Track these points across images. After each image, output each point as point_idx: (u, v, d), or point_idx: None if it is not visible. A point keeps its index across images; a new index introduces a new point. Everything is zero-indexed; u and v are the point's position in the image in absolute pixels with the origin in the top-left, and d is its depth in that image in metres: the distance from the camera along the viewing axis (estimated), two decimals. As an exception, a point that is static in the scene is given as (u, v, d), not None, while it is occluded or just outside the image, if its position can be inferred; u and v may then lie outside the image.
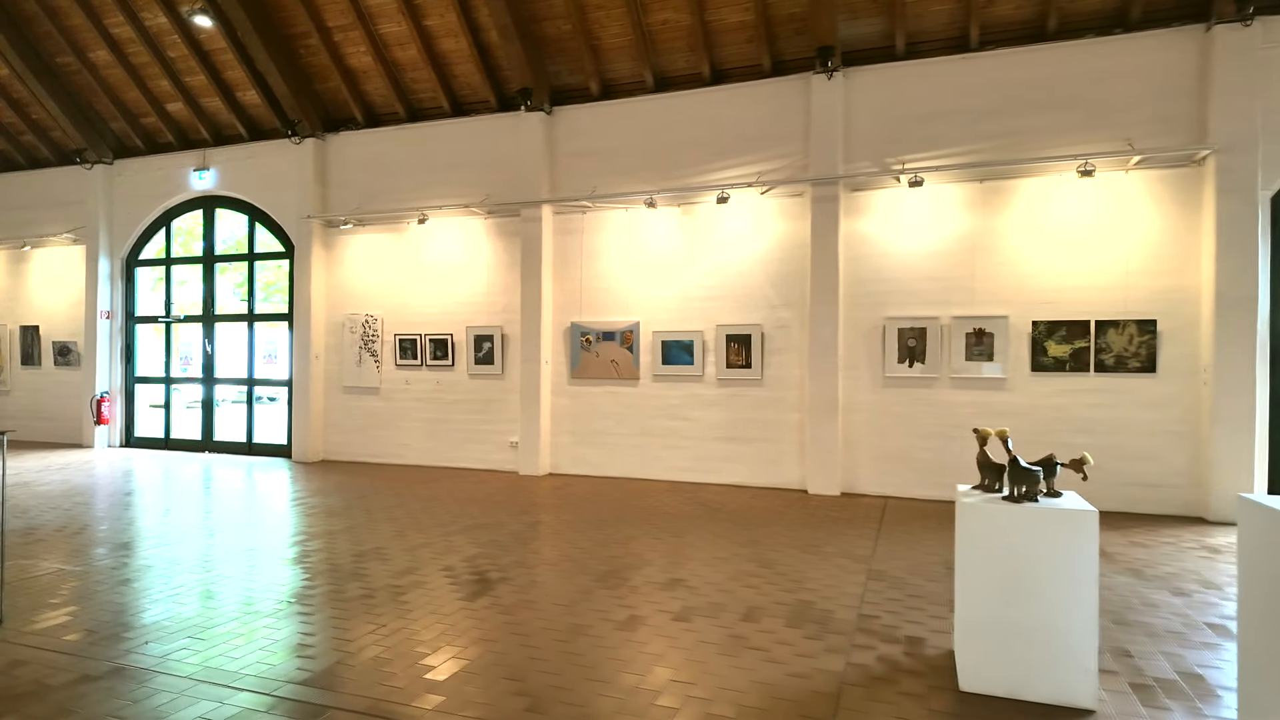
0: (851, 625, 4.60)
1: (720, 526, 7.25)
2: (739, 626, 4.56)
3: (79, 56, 12.47)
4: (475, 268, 11.13)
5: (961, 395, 8.77)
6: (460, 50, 10.72)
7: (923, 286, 8.93)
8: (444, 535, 6.89)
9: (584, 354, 10.48)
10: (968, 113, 8.78)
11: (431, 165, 11.33)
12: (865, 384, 9.14)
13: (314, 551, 6.28)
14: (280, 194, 12.20)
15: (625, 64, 10.26)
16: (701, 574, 5.66)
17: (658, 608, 4.90)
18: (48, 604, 4.92)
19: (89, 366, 13.48)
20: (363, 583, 5.42)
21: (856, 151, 9.16)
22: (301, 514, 7.80)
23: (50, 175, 14.21)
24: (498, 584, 5.41)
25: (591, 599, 5.08)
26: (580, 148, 10.52)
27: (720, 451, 9.76)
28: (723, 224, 9.79)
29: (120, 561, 5.95)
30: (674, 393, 10.02)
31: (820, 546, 6.52)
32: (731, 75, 9.94)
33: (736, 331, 9.65)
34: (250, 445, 12.55)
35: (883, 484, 9.05)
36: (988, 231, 8.73)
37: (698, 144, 9.93)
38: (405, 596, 5.12)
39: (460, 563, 5.96)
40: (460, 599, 5.07)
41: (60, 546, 6.39)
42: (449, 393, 11.25)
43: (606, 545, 6.52)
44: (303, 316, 11.87)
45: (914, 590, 5.31)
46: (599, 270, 10.46)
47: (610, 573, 5.68)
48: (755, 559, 6.10)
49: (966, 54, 8.82)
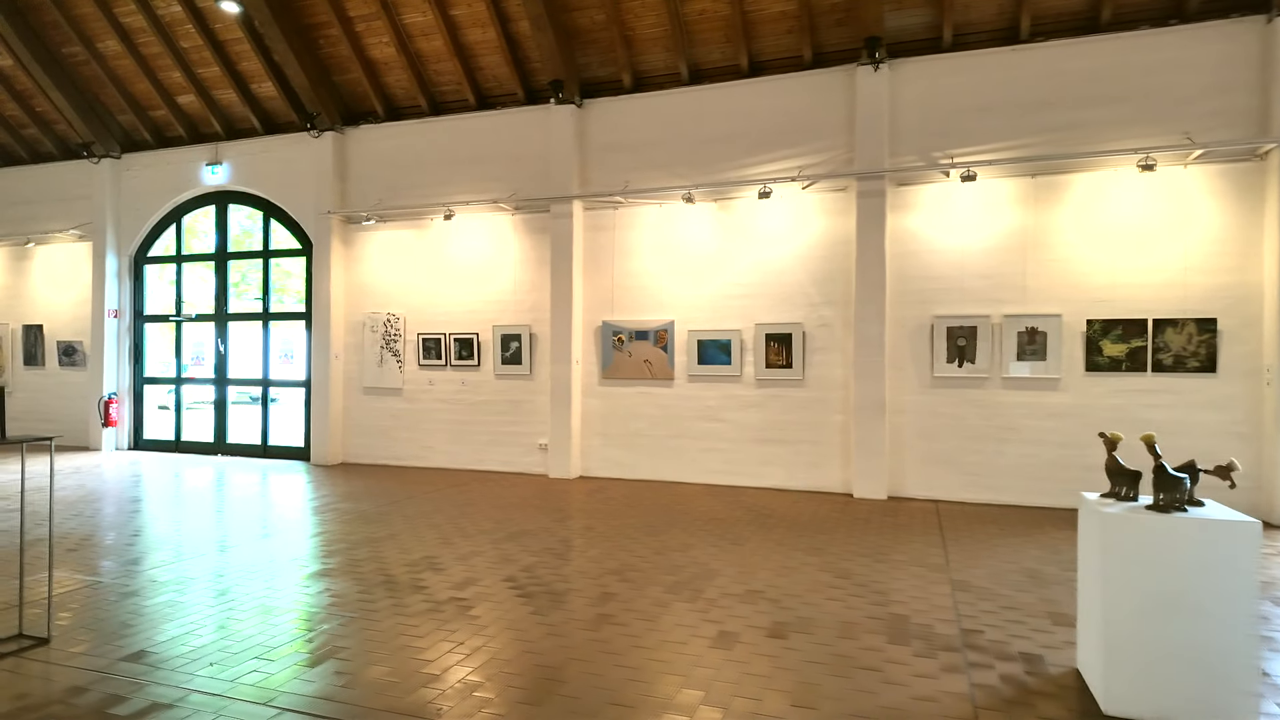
0: (958, 641, 4.34)
1: (777, 533, 6.98)
2: (840, 644, 4.28)
3: (87, 46, 12.07)
4: (502, 265, 10.81)
5: (1012, 396, 8.53)
6: (487, 41, 10.40)
7: (972, 284, 8.69)
8: (493, 543, 6.59)
9: (616, 354, 10.19)
10: (1018, 106, 8.55)
11: (456, 160, 11.01)
12: (912, 384, 8.89)
13: (362, 561, 5.97)
14: (297, 189, 11.84)
15: (659, 55, 9.97)
16: (778, 585, 5.39)
17: (745, 622, 4.62)
18: (93, 621, 4.60)
19: (95, 367, 13.08)
20: (424, 595, 5.11)
21: (902, 145, 8.91)
22: (338, 520, 7.47)
23: (54, 169, 13.80)
24: (567, 596, 5.11)
25: (672, 613, 4.79)
26: (612, 142, 10.22)
27: (759, 454, 9.49)
28: (761, 220, 9.52)
29: (161, 574, 5.62)
30: (710, 393, 9.75)
31: (889, 554, 6.26)
32: (769, 67, 9.67)
33: (777, 330, 9.38)
34: (265, 448, 12.19)
35: (930, 487, 8.80)
36: (1040, 228, 8.49)
37: (734, 138, 9.66)
38: (474, 610, 4.82)
39: (520, 573, 5.66)
40: (532, 612, 4.78)
41: (92, 557, 6.05)
42: (475, 393, 10.94)
43: (665, 553, 6.24)
44: (321, 315, 11.52)
45: (1006, 602, 5.05)
46: (631, 268, 10.17)
47: (681, 583, 5.40)
48: (828, 568, 5.83)
49: (1017, 45, 8.59)
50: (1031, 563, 6.04)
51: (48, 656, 4.05)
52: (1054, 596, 5.17)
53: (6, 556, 6.08)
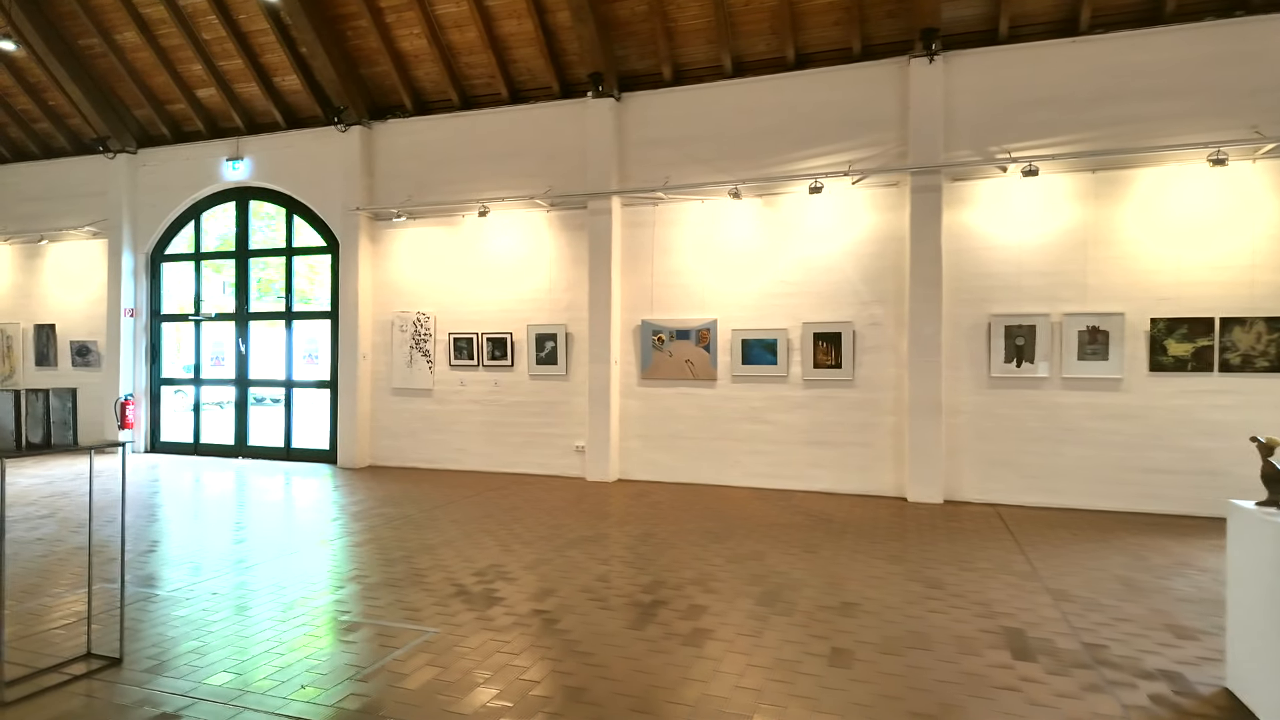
0: (1086, 657, 4.10)
1: (846, 540, 6.73)
2: (965, 661, 4.04)
3: (105, 38, 11.74)
4: (536, 263, 10.54)
5: (1073, 397, 8.32)
6: (523, 33, 10.13)
7: (1031, 282, 8.47)
8: (556, 549, 6.33)
9: (656, 353, 9.94)
10: (1077, 99, 8.33)
11: (488, 155, 10.73)
12: (967, 385, 8.67)
13: (427, 570, 5.70)
14: (321, 185, 11.54)
15: (701, 47, 9.72)
16: (870, 596, 5.14)
17: (854, 638, 4.37)
18: (160, 637, 4.31)
19: (111, 367, 12.75)
20: (505, 608, 4.85)
21: (957, 140, 8.69)
22: (386, 526, 7.19)
23: (67, 165, 13.46)
24: (654, 608, 4.85)
25: (772, 626, 4.54)
26: (651, 136, 9.97)
27: (807, 456, 9.24)
28: (808, 215, 9.28)
29: (217, 584, 5.33)
30: (755, 394, 9.50)
31: (972, 562, 6.02)
32: (815, 59, 9.44)
33: (825, 329, 9.14)
34: (289, 450, 11.88)
35: (987, 490, 8.58)
36: (1101, 224, 8.28)
37: (779, 132, 9.41)
38: (562, 624, 4.55)
39: (595, 583, 5.40)
40: (625, 626, 4.52)
41: (139, 566, 5.76)
42: (508, 394, 10.66)
43: (740, 561, 5.99)
44: (348, 314, 11.23)
45: (1115, 613, 4.82)
46: (672, 265, 9.91)
47: (770, 595, 5.15)
48: (915, 577, 5.59)
49: (1076, 38, 8.37)
50: (1120, 570, 5.81)
51: (123, 678, 3.77)
52: (1161, 607, 4.94)
53: (52, 568, 5.78)
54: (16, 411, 3.55)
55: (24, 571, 5.62)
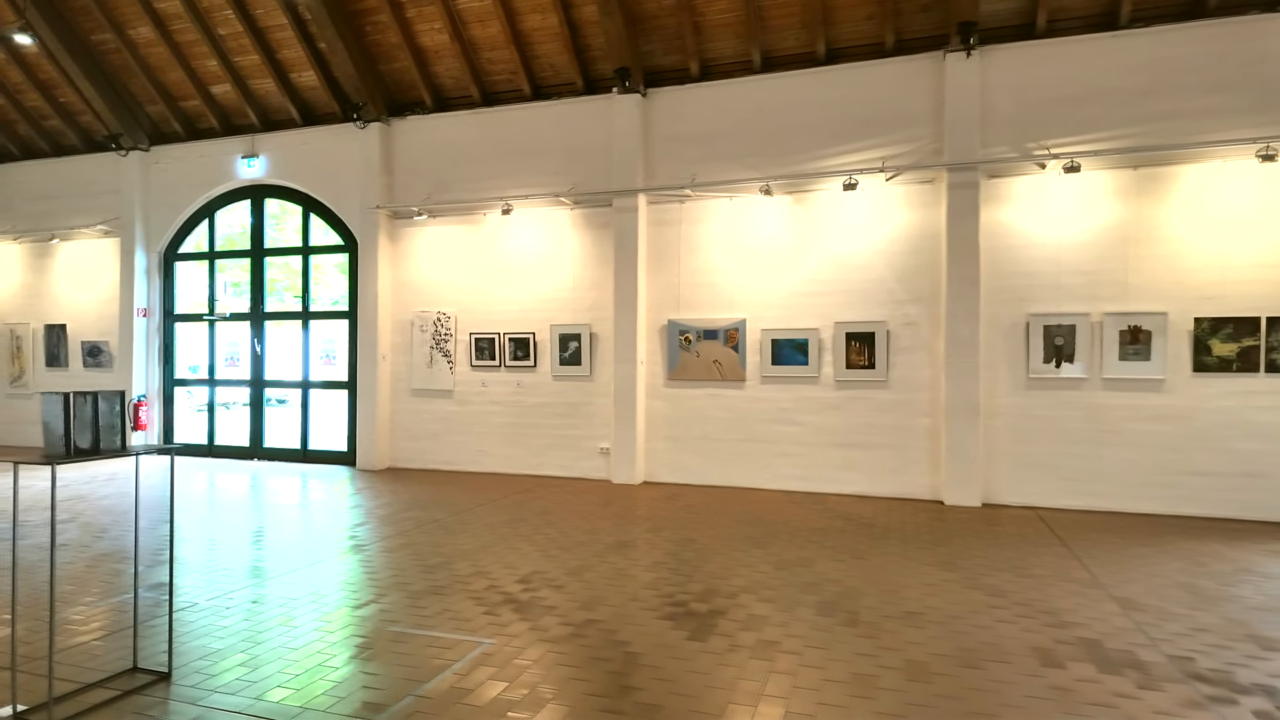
0: (1174, 670, 3.93)
1: (892, 545, 6.57)
2: (1050, 675, 3.87)
3: (118, 33, 11.56)
4: (560, 262, 10.37)
5: (1114, 398, 8.15)
6: (547, 28, 9.95)
7: (1070, 280, 8.31)
8: (596, 555, 6.16)
9: (683, 354, 9.76)
10: (1118, 95, 8.17)
11: (510, 152, 10.56)
12: (1005, 386, 8.50)
13: (469, 577, 5.52)
14: (339, 183, 11.36)
15: (729, 43, 9.56)
16: (932, 604, 4.97)
17: (926, 650, 4.20)
18: (205, 649, 4.14)
19: (124, 368, 12.56)
20: (558, 617, 4.67)
21: (994, 136, 8.52)
22: (418, 531, 7.01)
23: (78, 163, 13.26)
24: (712, 618, 4.68)
25: (837, 637, 4.37)
26: (678, 132, 9.80)
27: (839, 459, 9.08)
28: (839, 213, 9.12)
29: (253, 592, 5.16)
30: (785, 395, 9.33)
31: (1027, 568, 5.86)
32: (846, 55, 9.27)
33: (858, 329, 8.97)
34: (305, 452, 11.70)
35: (1025, 494, 8.41)
36: (1143, 221, 8.12)
37: (809, 128, 9.24)
38: (621, 635, 4.38)
39: (645, 590, 5.23)
40: (686, 638, 4.35)
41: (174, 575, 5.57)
42: (531, 395, 10.48)
43: (789, 568, 5.82)
44: (367, 314, 11.05)
45: (1190, 622, 4.66)
46: (699, 264, 9.74)
47: (828, 603, 4.98)
48: (973, 584, 5.42)
49: (1116, 32, 8.20)
50: (1180, 576, 5.65)
51: (175, 694, 3.60)
52: (1236, 616, 4.78)
53: (81, 575, 5.60)
54: (66, 415, 3.37)
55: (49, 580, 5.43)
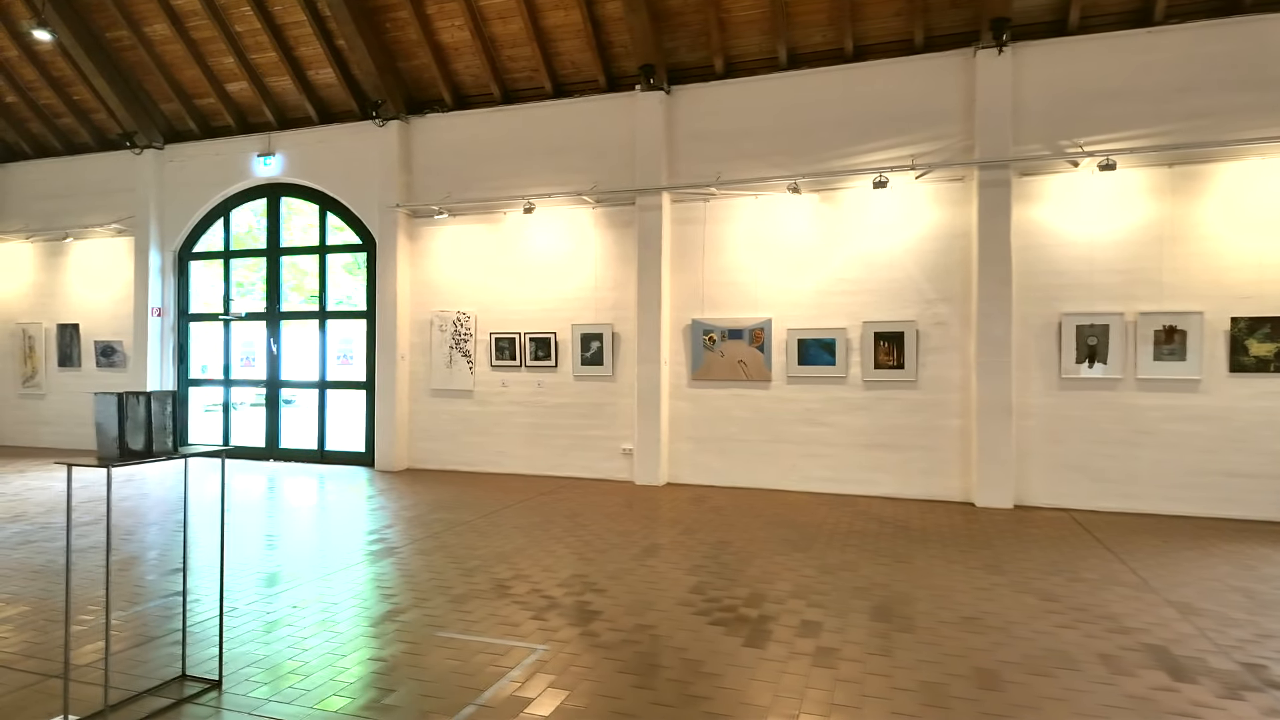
0: (1251, 678, 3.83)
1: (932, 547, 6.47)
2: (1123, 683, 3.77)
3: (134, 30, 11.45)
4: (581, 261, 10.26)
5: (1148, 398, 8.06)
6: (569, 24, 9.85)
7: (1104, 280, 8.21)
8: (634, 558, 6.06)
9: (707, 354, 9.66)
10: (1152, 91, 8.07)
11: (531, 150, 10.46)
12: (1037, 386, 8.41)
13: (509, 581, 5.42)
14: (357, 181, 11.26)
15: (755, 39, 9.46)
16: (987, 609, 4.87)
17: (991, 656, 4.10)
18: (252, 656, 4.03)
19: (138, 368, 12.45)
20: (606, 623, 4.57)
21: (1026, 133, 8.43)
22: (448, 532, 6.91)
23: (91, 161, 13.16)
24: (764, 624, 4.58)
25: (898, 644, 4.27)
26: (702, 130, 9.70)
27: (867, 460, 8.98)
28: (867, 211, 9.02)
29: (293, 597, 5.05)
30: (811, 396, 9.23)
31: (1075, 571, 5.76)
32: (873, 51, 9.17)
33: (887, 329, 8.87)
34: (322, 453, 11.59)
35: (1057, 495, 8.31)
36: (1178, 219, 8.02)
37: (836, 125, 9.15)
38: (675, 641, 4.28)
39: (692, 595, 5.13)
40: (742, 644, 4.25)
41: (208, 579, 5.47)
42: (552, 395, 10.38)
43: (833, 572, 5.72)
44: (386, 314, 10.94)
45: (1255, 628, 4.56)
46: (724, 263, 9.65)
47: (881, 608, 4.88)
48: (1024, 588, 5.32)
49: (1151, 28, 8.11)
50: (1233, 580, 5.55)
51: (229, 703, 3.49)
52: (1298, 621, 4.68)
53: (113, 578, 5.48)
54: (120, 416, 3.27)
55: (89, 583, 5.33)
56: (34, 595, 5.07)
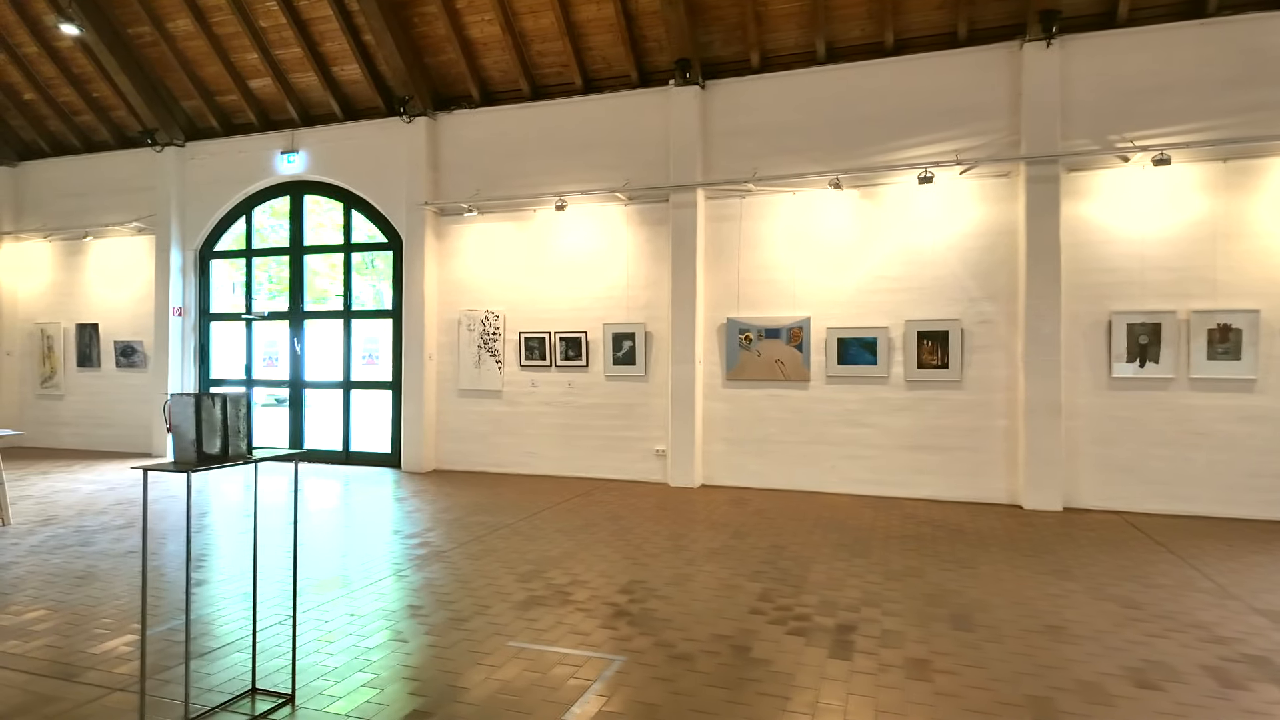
0: (1367, 691, 3.66)
1: (994, 552, 6.30)
2: (1238, 697, 3.60)
3: (156, 26, 11.29)
4: (613, 259, 10.10)
5: (1202, 398, 7.88)
6: (602, 18, 9.68)
7: (1155, 277, 8.03)
8: (689, 563, 5.89)
9: (742, 353, 9.49)
10: (1205, 85, 7.89)
11: (561, 147, 10.29)
12: (1086, 386, 8.23)
13: (567, 587, 5.25)
14: (382, 179, 11.10)
15: (792, 33, 9.29)
16: (1070, 618, 4.70)
17: (1090, 668, 3.93)
18: (320, 667, 3.86)
19: (159, 368, 12.29)
20: (678, 631, 4.40)
21: (1074, 128, 8.25)
22: (492, 536, 6.74)
23: (110, 159, 13.01)
24: (845, 634, 4.41)
25: (989, 655, 4.10)
26: (738, 125, 9.53)
27: (909, 462, 8.80)
28: (909, 208, 8.85)
29: (351, 604, 4.89)
30: (852, 396, 9.06)
31: (1148, 577, 5.59)
32: (915, 45, 9.00)
33: (931, 327, 8.70)
34: (347, 454, 11.43)
35: (1107, 497, 8.14)
36: (1233, 215, 7.84)
37: (877, 120, 8.98)
38: (755, 653, 4.11)
39: (760, 602, 4.96)
40: (828, 656, 4.07)
41: (236, 587, 5.30)
42: (583, 396, 10.21)
43: (900, 578, 5.54)
44: (413, 313, 10.78)
45: (1353, 637, 4.38)
46: (760, 260, 9.47)
47: (960, 617, 4.71)
48: (1102, 595, 5.15)
49: (1203, 20, 7.93)
50: (1312, 586, 5.37)
51: (303, 718, 3.32)
52: (1395, 630, 4.50)
53: (154, 584, 5.33)
54: (198, 418, 3.10)
55: (133, 590, 5.17)
56: (80, 603, 4.91)
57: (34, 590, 5.14)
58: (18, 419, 13.63)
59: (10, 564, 5.79)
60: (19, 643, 4.18)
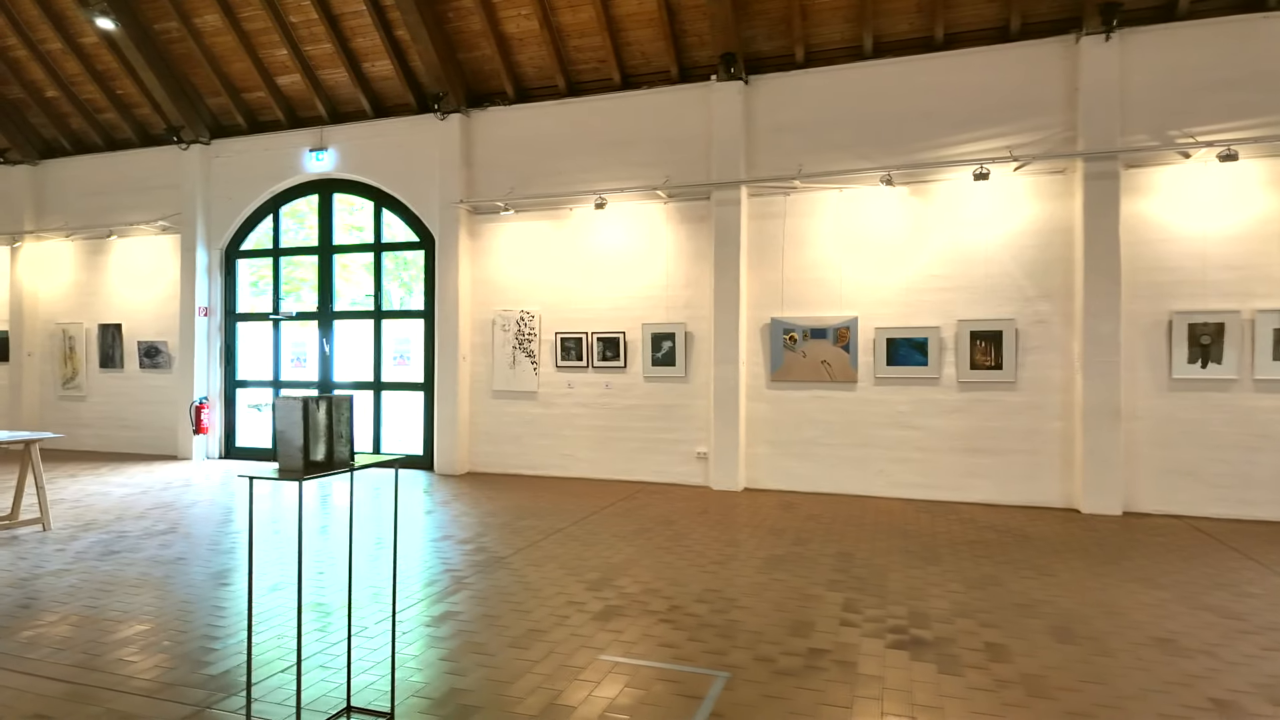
0: None
1: (1070, 559, 6.11)
2: (1386, 715, 3.41)
3: (183, 21, 11.12)
4: (652, 258, 9.91)
5: (1267, 400, 7.69)
6: (643, 13, 9.50)
7: (1218, 276, 7.84)
8: (759, 571, 5.70)
9: (787, 354, 9.31)
10: (1270, 78, 7.71)
11: (598, 144, 10.11)
12: (1146, 387, 8.04)
13: (638, 595, 5.07)
14: (414, 176, 10.92)
15: (838, 27, 9.10)
16: (1173, 629, 4.52)
17: (1217, 684, 3.75)
18: (412, 683, 3.68)
19: (184, 369, 12.12)
20: (772, 643, 4.22)
21: (1133, 123, 8.07)
22: (548, 542, 6.56)
23: (134, 157, 12.83)
24: (945, 646, 4.23)
25: (1106, 670, 3.92)
26: (782, 122, 9.35)
27: (963, 465, 8.62)
28: (960, 205, 8.66)
29: (421, 612, 4.70)
30: (901, 397, 8.87)
31: (1236, 585, 5.40)
32: (965, 39, 8.82)
33: (984, 327, 8.51)
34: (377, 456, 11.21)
35: (1168, 501, 7.95)
36: (1299, 213, 7.65)
37: (926, 116, 8.80)
38: (860, 668, 3.92)
39: (847, 613, 4.78)
40: (938, 671, 3.89)
41: (332, 596, 5.13)
42: (621, 397, 10.03)
43: (982, 587, 5.36)
44: (447, 313, 10.59)
45: None
46: (806, 259, 9.29)
47: (1059, 629, 4.52)
48: (1196, 604, 4.97)
49: (1268, 13, 7.74)
50: None
51: (409, 742, 3.15)
52: None
53: (210, 594, 5.15)
54: (305, 424, 2.92)
55: (194, 599, 4.99)
56: (143, 612, 4.73)
57: (88, 599, 4.95)
58: (38, 420, 13.46)
59: (60, 571, 5.61)
60: (70, 654, 4.00)
